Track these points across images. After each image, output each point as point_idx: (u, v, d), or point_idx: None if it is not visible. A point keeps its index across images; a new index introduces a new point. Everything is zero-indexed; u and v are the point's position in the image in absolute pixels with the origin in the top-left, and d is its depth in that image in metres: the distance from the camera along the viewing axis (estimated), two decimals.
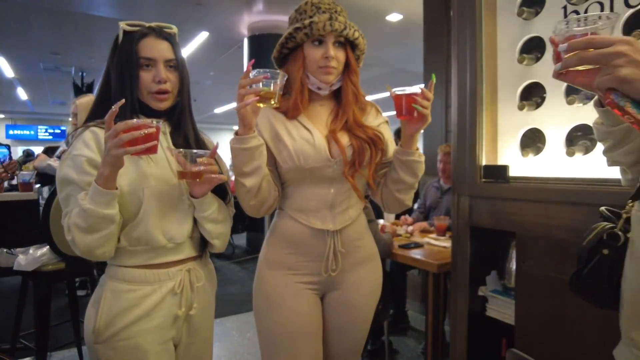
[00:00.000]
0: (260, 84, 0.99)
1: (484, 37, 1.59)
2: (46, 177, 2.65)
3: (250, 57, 5.62)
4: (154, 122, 0.92)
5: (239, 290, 4.09)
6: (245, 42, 5.67)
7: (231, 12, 5.18)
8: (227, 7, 5.03)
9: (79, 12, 5.05)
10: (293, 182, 1.19)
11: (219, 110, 12.59)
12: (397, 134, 4.34)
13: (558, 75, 0.69)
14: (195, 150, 1.01)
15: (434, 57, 3.38)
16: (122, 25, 1.05)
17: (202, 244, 1.13)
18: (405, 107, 1.04)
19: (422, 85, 1.01)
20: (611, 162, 0.86)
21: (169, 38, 1.08)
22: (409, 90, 1.03)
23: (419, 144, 1.23)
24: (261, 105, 1.03)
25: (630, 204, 0.77)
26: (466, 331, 1.62)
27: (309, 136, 1.15)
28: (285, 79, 1.04)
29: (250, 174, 1.09)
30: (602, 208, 0.90)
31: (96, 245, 0.95)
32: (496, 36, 1.58)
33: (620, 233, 0.78)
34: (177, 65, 1.08)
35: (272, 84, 1.00)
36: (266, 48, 1.28)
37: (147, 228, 1.01)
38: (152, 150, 0.93)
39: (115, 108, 0.89)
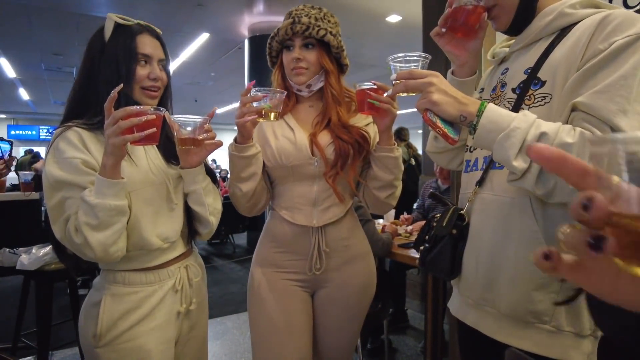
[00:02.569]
0: (261, 101, 1.04)
1: None
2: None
3: (251, 58, 5.64)
4: (158, 110, 0.90)
5: (239, 289, 4.10)
6: (246, 43, 5.69)
7: (232, 13, 5.20)
8: (227, 9, 5.05)
9: (80, 12, 5.08)
10: (279, 180, 1.23)
11: (219, 110, 12.60)
12: (397, 134, 4.36)
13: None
14: (187, 118, 0.98)
15: (433, 58, 3.38)
16: (114, 17, 1.03)
17: (189, 237, 1.15)
18: (367, 102, 1.03)
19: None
20: (437, 158, 1.12)
21: (159, 38, 1.09)
22: (365, 85, 1.03)
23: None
24: (261, 120, 1.07)
25: (474, 189, 0.91)
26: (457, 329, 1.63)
27: (291, 135, 1.19)
28: (284, 95, 1.08)
29: (247, 179, 1.14)
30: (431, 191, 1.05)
31: (110, 243, 0.91)
32: (495, 37, 1.60)
33: (465, 215, 0.93)
34: (165, 65, 1.10)
35: (270, 101, 1.05)
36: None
37: (141, 233, 1.00)
38: (153, 138, 0.90)
39: (114, 93, 0.87)
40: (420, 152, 4.16)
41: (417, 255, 2.16)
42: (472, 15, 0.88)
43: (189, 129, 0.98)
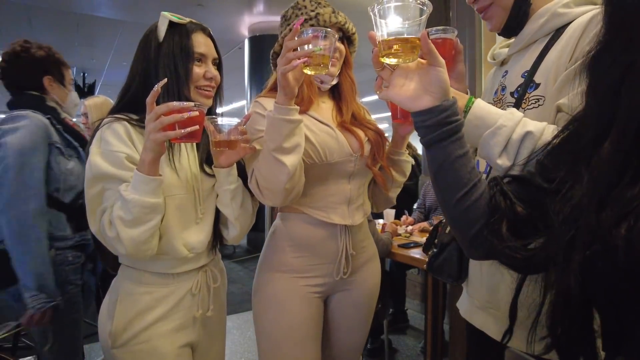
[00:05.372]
0: (310, 45, 0.86)
1: (484, 38, 1.61)
2: None
3: (251, 58, 5.64)
4: (200, 107, 0.88)
5: (239, 289, 4.10)
6: (246, 43, 5.69)
7: (232, 13, 5.20)
8: (227, 9, 5.05)
9: (80, 13, 5.06)
10: (312, 178, 1.11)
11: (219, 110, 12.62)
12: None
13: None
14: (221, 122, 0.97)
15: None
16: (169, 16, 1.00)
17: (213, 245, 1.12)
18: (400, 110, 1.03)
19: None
20: None
21: (212, 36, 1.07)
22: None
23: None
24: (308, 71, 0.88)
25: None
26: (465, 330, 1.63)
27: (330, 130, 1.12)
28: (336, 39, 0.97)
29: (291, 151, 0.95)
30: None
31: (142, 240, 0.89)
32: (496, 37, 1.60)
33: None
34: (219, 64, 1.09)
35: (322, 46, 0.86)
36: (267, 49, 1.28)
37: (170, 240, 0.98)
38: (195, 136, 0.87)
39: (157, 88, 0.85)
40: (420, 152, 4.15)
41: (417, 256, 2.19)
42: (442, 48, 0.87)
43: (224, 131, 0.96)
